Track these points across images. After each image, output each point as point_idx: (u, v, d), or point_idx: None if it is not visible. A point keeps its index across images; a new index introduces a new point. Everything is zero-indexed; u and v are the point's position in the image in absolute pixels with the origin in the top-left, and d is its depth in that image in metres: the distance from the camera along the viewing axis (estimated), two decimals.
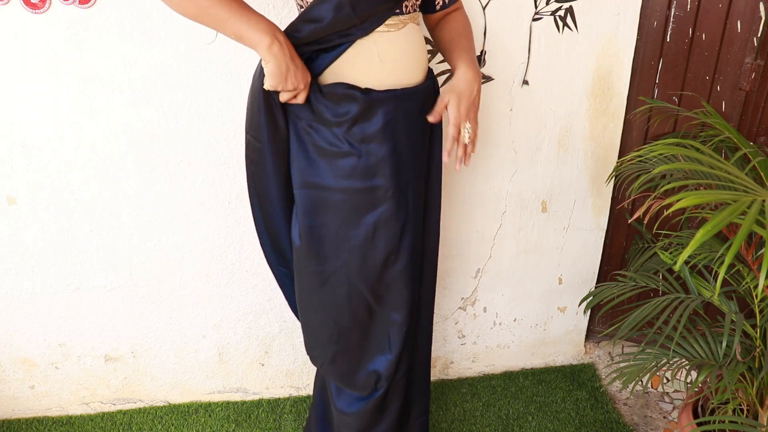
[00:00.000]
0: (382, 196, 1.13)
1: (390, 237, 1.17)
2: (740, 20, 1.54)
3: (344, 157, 1.10)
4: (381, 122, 1.08)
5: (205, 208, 1.61)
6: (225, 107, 1.49)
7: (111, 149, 1.50)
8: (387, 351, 1.29)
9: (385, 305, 1.25)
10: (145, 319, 1.73)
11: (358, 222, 1.15)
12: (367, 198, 1.13)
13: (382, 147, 1.10)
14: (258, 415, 1.83)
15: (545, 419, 1.81)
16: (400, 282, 1.22)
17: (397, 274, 1.21)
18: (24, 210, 1.54)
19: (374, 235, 1.16)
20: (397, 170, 1.13)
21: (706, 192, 0.94)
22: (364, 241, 1.16)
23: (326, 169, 1.11)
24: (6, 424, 1.81)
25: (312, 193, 1.14)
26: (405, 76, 1.11)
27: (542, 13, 1.51)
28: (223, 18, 0.97)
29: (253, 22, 0.98)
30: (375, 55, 1.06)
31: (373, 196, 1.13)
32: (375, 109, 1.07)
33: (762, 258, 1.28)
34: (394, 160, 1.11)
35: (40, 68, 1.39)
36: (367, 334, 1.28)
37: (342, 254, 1.18)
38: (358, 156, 1.09)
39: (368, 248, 1.17)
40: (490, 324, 1.95)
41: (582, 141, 1.71)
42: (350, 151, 1.09)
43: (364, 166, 1.10)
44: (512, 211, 1.77)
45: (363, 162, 1.10)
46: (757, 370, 1.36)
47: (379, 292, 1.23)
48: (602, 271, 1.95)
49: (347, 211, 1.14)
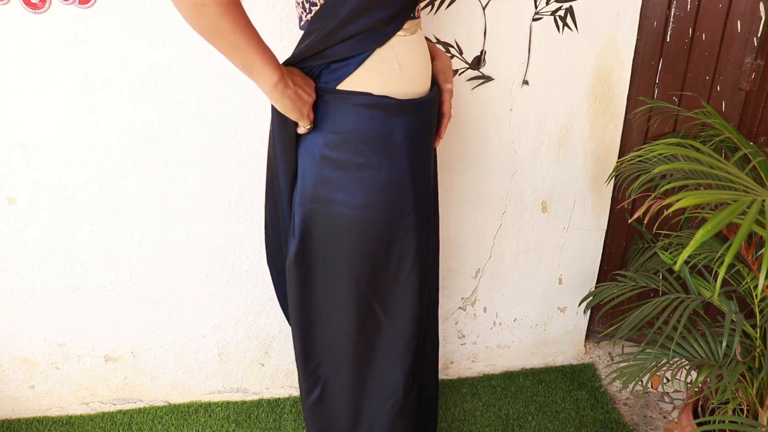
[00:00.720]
0: (401, 212, 1.10)
1: (405, 249, 1.14)
2: (740, 20, 1.54)
3: (365, 170, 1.06)
4: (402, 134, 1.05)
5: (205, 208, 1.61)
6: (225, 107, 1.49)
7: (111, 149, 1.50)
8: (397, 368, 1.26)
9: (392, 318, 1.22)
10: (145, 319, 1.73)
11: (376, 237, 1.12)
12: (386, 213, 1.10)
13: (404, 160, 1.07)
14: (258, 415, 1.83)
15: (545, 419, 1.81)
16: (411, 295, 1.19)
17: (409, 288, 1.18)
18: (24, 210, 1.54)
19: (390, 246, 1.13)
20: (416, 182, 1.10)
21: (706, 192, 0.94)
22: (376, 251, 1.13)
23: (345, 183, 1.07)
24: (6, 424, 1.81)
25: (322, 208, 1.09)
26: (421, 82, 1.08)
27: (542, 13, 1.51)
28: (240, 46, 0.90)
29: (267, 56, 0.93)
30: (394, 60, 1.02)
31: (392, 212, 1.10)
32: (396, 120, 1.04)
33: (762, 258, 1.27)
34: (412, 173, 1.09)
35: (40, 68, 1.39)
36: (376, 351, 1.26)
37: (354, 268, 1.14)
38: (379, 169, 1.06)
39: (380, 259, 1.14)
40: (490, 324, 1.95)
41: (582, 141, 1.71)
42: (371, 164, 1.05)
43: (386, 179, 1.06)
44: (512, 211, 1.77)
45: (384, 175, 1.06)
46: (757, 370, 1.36)
47: (388, 305, 1.20)
48: (602, 271, 1.95)
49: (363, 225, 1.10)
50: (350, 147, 1.04)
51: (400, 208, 1.10)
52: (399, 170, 1.07)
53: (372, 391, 1.28)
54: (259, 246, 1.68)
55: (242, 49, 0.90)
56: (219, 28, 0.87)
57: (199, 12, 0.85)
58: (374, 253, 1.13)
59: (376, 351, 1.25)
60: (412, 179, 1.09)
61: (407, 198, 1.10)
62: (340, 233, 1.11)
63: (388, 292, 1.19)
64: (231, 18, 0.86)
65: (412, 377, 1.28)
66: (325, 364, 1.26)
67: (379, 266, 1.15)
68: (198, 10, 0.84)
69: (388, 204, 1.08)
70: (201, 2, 0.83)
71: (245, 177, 1.58)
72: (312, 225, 1.11)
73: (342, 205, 1.08)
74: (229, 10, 0.86)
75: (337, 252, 1.13)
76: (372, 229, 1.10)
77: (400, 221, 1.11)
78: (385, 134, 1.04)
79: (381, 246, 1.12)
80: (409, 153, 1.08)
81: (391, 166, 1.06)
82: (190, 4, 0.84)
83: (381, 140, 1.04)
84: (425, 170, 1.14)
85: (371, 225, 1.10)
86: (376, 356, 1.26)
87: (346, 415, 1.31)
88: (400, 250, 1.14)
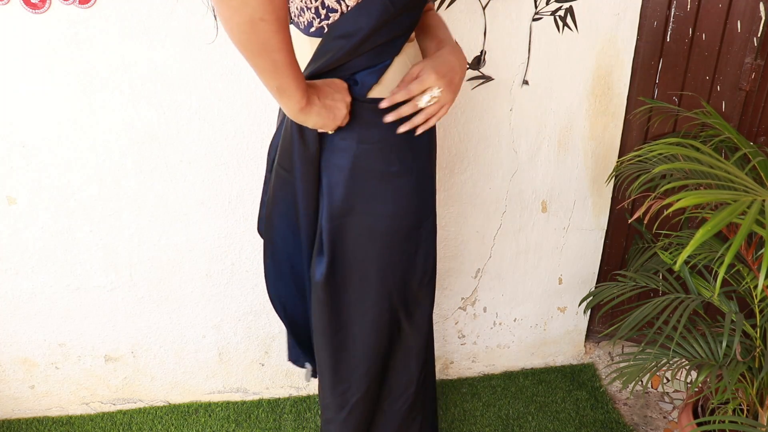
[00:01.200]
0: (425, 215, 1.10)
1: (428, 253, 1.14)
2: (740, 20, 1.54)
3: (398, 178, 1.04)
4: (425, 137, 1.05)
5: (205, 208, 1.61)
6: (225, 107, 1.49)
7: (111, 149, 1.50)
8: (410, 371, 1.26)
9: (414, 322, 1.22)
10: (145, 319, 1.73)
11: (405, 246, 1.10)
12: (414, 219, 1.08)
13: (428, 164, 1.07)
14: (258, 415, 1.83)
15: (545, 419, 1.81)
16: (429, 298, 1.20)
17: (430, 291, 1.19)
18: (24, 210, 1.54)
19: (416, 252, 1.12)
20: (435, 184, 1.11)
21: (706, 192, 0.94)
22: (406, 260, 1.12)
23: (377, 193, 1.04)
24: (6, 424, 1.81)
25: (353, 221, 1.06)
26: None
27: (542, 13, 1.51)
28: (281, 67, 0.86)
29: (300, 79, 0.90)
30: (408, 65, 1.03)
31: (417, 217, 1.09)
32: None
33: (762, 258, 1.27)
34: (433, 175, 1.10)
35: (40, 68, 1.39)
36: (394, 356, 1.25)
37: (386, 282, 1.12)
38: (410, 176, 1.05)
39: (409, 267, 1.13)
40: (490, 324, 1.95)
41: (582, 141, 1.71)
42: (402, 172, 1.04)
43: (415, 185, 1.06)
44: (512, 211, 1.77)
45: (414, 182, 1.05)
46: (757, 370, 1.36)
47: (413, 313, 1.20)
48: (602, 271, 1.95)
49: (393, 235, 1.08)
50: (383, 155, 1.02)
51: (425, 212, 1.10)
52: (425, 174, 1.07)
53: (388, 391, 1.29)
54: (259, 246, 1.68)
55: (282, 70, 0.86)
56: (269, 45, 0.82)
57: (254, 28, 0.80)
58: (404, 262, 1.12)
59: (395, 355, 1.25)
60: (433, 182, 1.10)
61: (430, 201, 1.10)
62: (372, 246, 1.08)
63: (414, 299, 1.18)
64: (282, 36, 0.83)
65: (424, 374, 1.29)
66: (355, 386, 1.24)
67: (409, 276, 1.14)
68: (254, 25, 0.79)
69: (415, 210, 1.08)
70: (260, 17, 0.78)
71: (245, 177, 1.58)
72: (343, 241, 1.07)
73: (373, 216, 1.06)
74: (283, 27, 0.82)
75: (368, 267, 1.10)
76: (402, 238, 1.09)
77: (423, 225, 1.10)
78: (411, 139, 1.04)
79: (410, 255, 1.11)
80: (430, 155, 1.08)
81: (418, 171, 1.06)
82: (247, 19, 0.78)
83: (408, 146, 1.03)
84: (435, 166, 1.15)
85: (402, 234, 1.08)
86: (395, 361, 1.26)
87: (365, 419, 1.31)
88: (424, 255, 1.14)
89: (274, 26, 0.80)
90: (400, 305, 1.17)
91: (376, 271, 1.11)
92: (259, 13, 0.78)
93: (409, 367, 1.27)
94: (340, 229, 1.06)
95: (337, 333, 1.17)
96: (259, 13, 0.78)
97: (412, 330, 1.23)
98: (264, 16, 0.78)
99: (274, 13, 0.79)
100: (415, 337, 1.24)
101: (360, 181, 1.03)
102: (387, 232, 1.07)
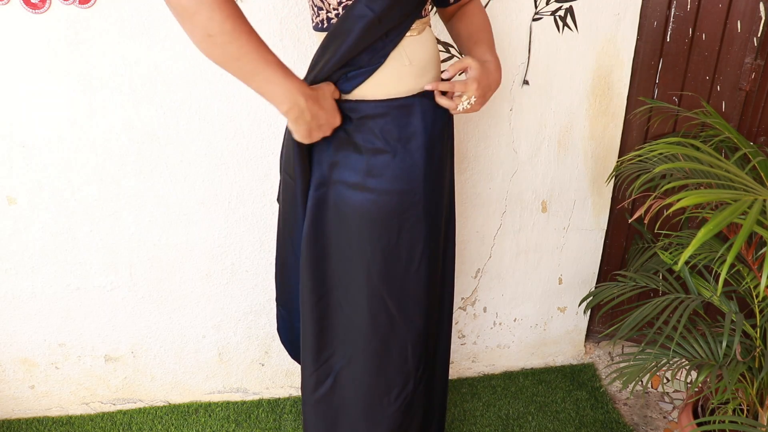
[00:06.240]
0: (411, 199, 1.12)
1: (414, 241, 1.15)
2: (740, 20, 1.54)
3: (380, 155, 1.08)
4: (419, 124, 1.08)
5: (205, 208, 1.61)
6: (225, 107, 1.49)
7: (111, 149, 1.50)
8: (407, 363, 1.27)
9: (404, 312, 1.23)
10: (145, 319, 1.73)
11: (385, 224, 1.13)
12: (395, 200, 1.11)
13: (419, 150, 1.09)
14: (258, 415, 1.83)
15: (545, 419, 1.81)
16: (423, 289, 1.21)
17: (421, 281, 1.20)
18: (24, 210, 1.54)
19: (399, 236, 1.14)
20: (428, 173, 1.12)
21: (706, 191, 0.94)
22: (386, 240, 1.14)
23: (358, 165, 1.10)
24: (6, 424, 1.81)
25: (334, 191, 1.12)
26: (433, 77, 1.11)
27: (542, 13, 1.51)
28: (249, 72, 0.94)
29: (277, 82, 0.96)
30: (404, 57, 1.06)
31: (400, 199, 1.12)
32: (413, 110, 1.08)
33: (762, 258, 1.28)
34: (426, 163, 1.11)
35: (40, 68, 1.39)
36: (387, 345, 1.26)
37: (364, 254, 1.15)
38: (393, 156, 1.08)
39: (390, 248, 1.15)
40: (490, 324, 1.94)
41: (582, 141, 1.71)
42: (386, 149, 1.08)
43: (399, 166, 1.09)
44: (512, 211, 1.77)
45: (398, 162, 1.09)
46: (757, 370, 1.36)
47: (400, 299, 1.21)
48: (602, 271, 1.95)
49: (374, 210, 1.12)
50: (368, 130, 1.08)
51: (410, 196, 1.12)
52: (413, 159, 1.09)
53: (382, 387, 1.29)
54: (259, 246, 1.68)
55: (252, 75, 0.94)
56: (229, 55, 0.92)
57: (210, 42, 0.90)
58: (385, 241, 1.14)
59: (388, 346, 1.26)
60: (425, 169, 1.11)
61: (418, 187, 1.11)
62: (349, 215, 1.13)
63: (401, 287, 1.20)
64: (239, 45, 0.90)
65: (421, 374, 1.29)
66: (339, 355, 1.27)
67: (390, 257, 1.16)
68: (208, 39, 0.89)
69: (398, 192, 1.10)
70: (207, 33, 0.88)
71: (245, 177, 1.58)
72: (324, 207, 1.14)
73: (353, 187, 1.10)
74: (236, 38, 0.90)
75: (347, 235, 1.15)
76: (382, 215, 1.12)
77: (409, 209, 1.12)
78: (401, 124, 1.08)
79: (391, 234, 1.13)
80: (425, 143, 1.10)
81: (405, 153, 1.09)
82: (202, 35, 0.89)
83: (397, 129, 1.08)
84: (440, 164, 1.16)
85: (382, 211, 1.12)
86: (388, 352, 1.26)
87: (357, 409, 1.30)
88: (410, 240, 1.15)
89: (225, 38, 0.89)
90: (384, 289, 1.18)
91: (355, 241, 1.15)
92: (207, 30, 0.88)
93: (403, 366, 1.26)
94: (322, 197, 1.13)
95: (322, 297, 1.21)
96: (207, 30, 0.88)
97: (404, 322, 1.23)
98: (211, 32, 0.88)
99: (221, 27, 0.88)
100: (409, 331, 1.24)
101: (343, 152, 1.09)
102: (365, 204, 1.11)
